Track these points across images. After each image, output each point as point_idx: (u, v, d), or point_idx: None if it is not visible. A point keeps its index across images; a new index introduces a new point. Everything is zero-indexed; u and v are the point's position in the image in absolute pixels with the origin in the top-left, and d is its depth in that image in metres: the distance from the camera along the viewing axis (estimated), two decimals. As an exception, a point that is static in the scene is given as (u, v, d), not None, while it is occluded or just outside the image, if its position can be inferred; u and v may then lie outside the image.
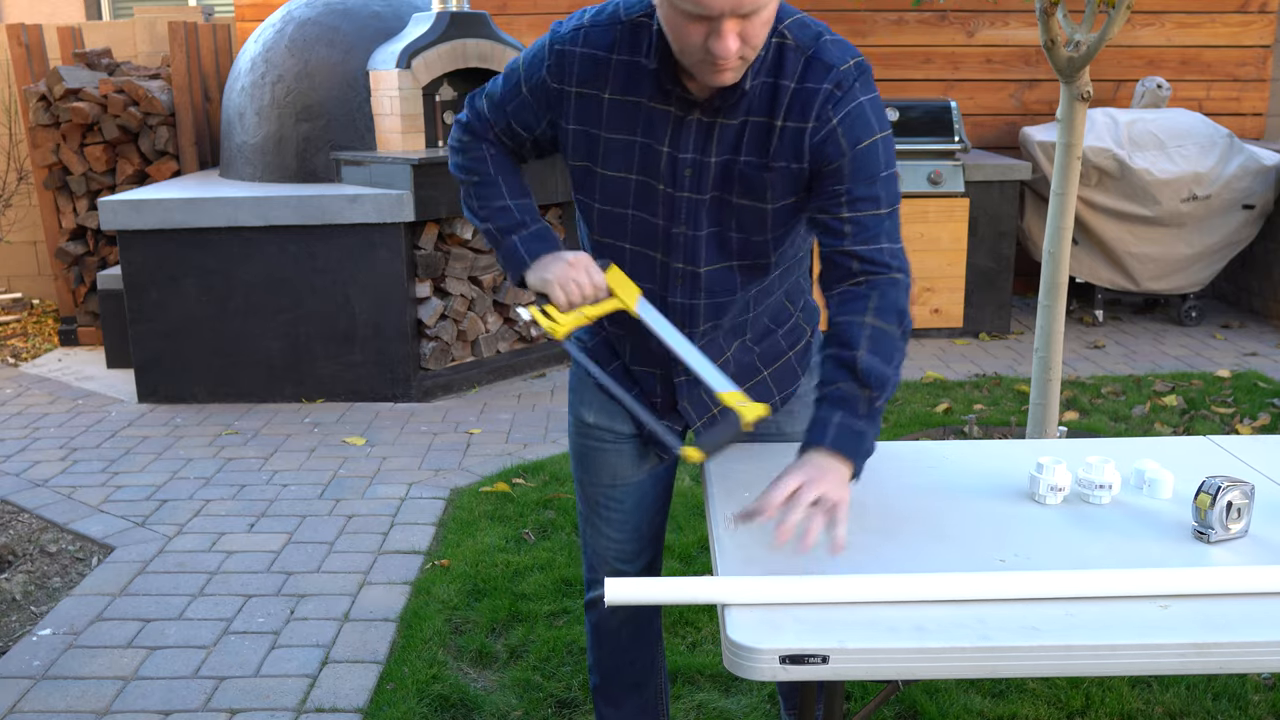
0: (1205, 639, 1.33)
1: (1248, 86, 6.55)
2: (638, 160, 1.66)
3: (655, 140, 1.64)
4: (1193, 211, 5.60)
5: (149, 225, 4.61)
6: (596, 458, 1.97)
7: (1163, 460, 1.90)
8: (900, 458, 1.92)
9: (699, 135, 1.63)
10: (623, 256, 1.75)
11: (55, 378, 5.27)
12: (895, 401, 4.67)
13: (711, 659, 2.76)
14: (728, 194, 1.65)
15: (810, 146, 1.59)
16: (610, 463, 1.97)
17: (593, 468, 1.98)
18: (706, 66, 1.50)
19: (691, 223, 1.68)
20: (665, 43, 1.59)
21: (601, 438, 1.95)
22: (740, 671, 1.33)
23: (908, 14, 6.31)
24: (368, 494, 3.84)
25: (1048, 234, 3.58)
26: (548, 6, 6.32)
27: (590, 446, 1.97)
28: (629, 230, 1.72)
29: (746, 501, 1.75)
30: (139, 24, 6.41)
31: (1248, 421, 4.38)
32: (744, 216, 1.67)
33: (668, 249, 1.71)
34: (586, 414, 1.96)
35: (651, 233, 1.71)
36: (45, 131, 5.60)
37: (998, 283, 5.76)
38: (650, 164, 1.66)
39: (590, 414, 1.95)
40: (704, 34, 1.46)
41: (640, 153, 1.66)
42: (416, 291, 4.77)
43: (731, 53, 1.45)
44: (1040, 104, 6.50)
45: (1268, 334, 5.76)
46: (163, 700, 2.62)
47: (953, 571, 1.50)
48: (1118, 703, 2.57)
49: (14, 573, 3.27)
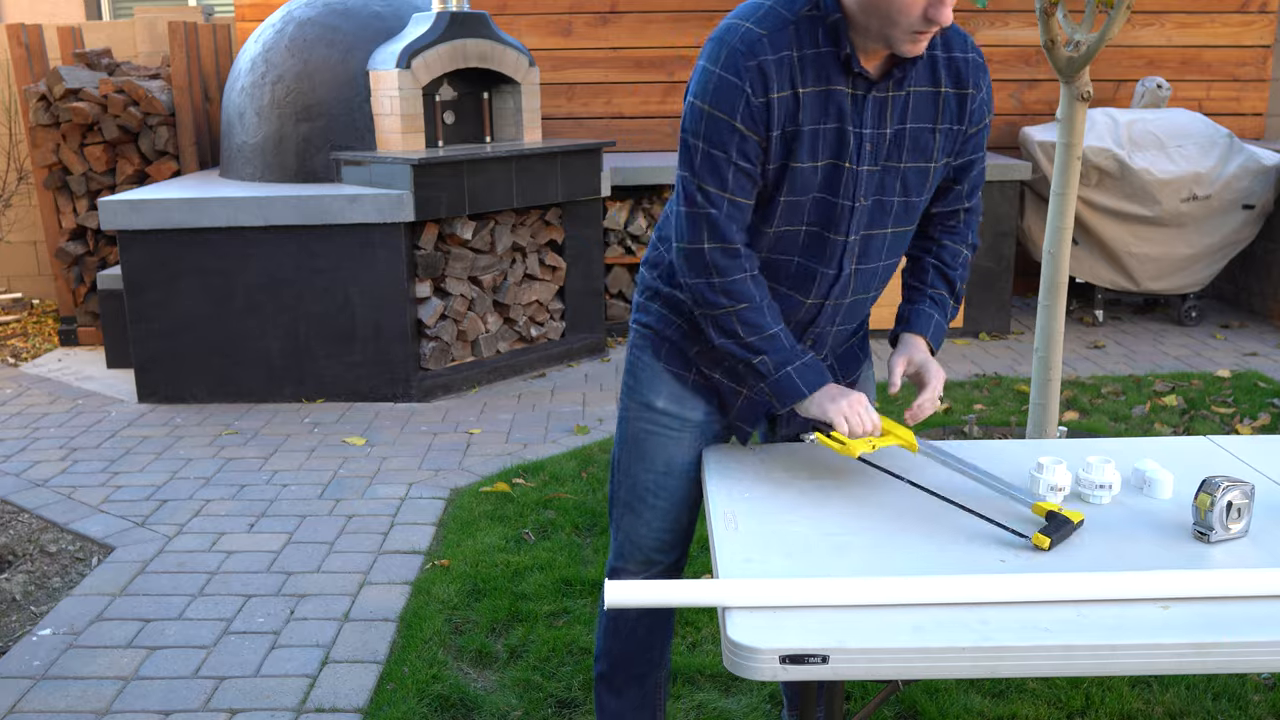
0: (1205, 639, 1.33)
1: (1248, 86, 6.55)
2: (829, 145, 1.73)
3: (845, 122, 1.72)
4: (1193, 211, 5.60)
5: (149, 225, 4.61)
6: (655, 443, 1.99)
7: (1163, 460, 1.90)
8: (900, 458, 1.92)
9: (875, 110, 1.73)
10: (796, 241, 1.81)
11: (55, 378, 5.27)
12: (895, 401, 4.67)
13: (711, 659, 2.75)
14: (896, 160, 1.78)
15: (971, 110, 1.81)
16: (669, 450, 1.99)
17: (649, 454, 2.00)
18: (913, 37, 1.63)
19: (864, 193, 1.78)
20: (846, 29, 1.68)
21: (668, 425, 1.98)
22: (740, 671, 1.33)
23: (908, 14, 6.30)
24: (368, 494, 3.84)
25: (1048, 234, 3.58)
26: (548, 6, 6.32)
27: (651, 432, 1.99)
28: (806, 213, 1.78)
29: (746, 501, 1.75)
30: (139, 24, 6.41)
31: (1248, 421, 4.38)
32: (909, 178, 1.80)
33: (840, 224, 1.79)
34: (656, 399, 1.98)
35: (830, 212, 1.78)
36: (45, 131, 5.60)
37: (998, 283, 5.76)
38: (840, 146, 1.73)
39: (661, 399, 1.98)
40: (925, 3, 1.59)
41: (832, 138, 1.73)
42: (416, 291, 4.77)
43: (949, 17, 1.59)
44: (1040, 104, 6.50)
45: (1268, 334, 5.76)
46: (163, 700, 2.62)
47: (953, 573, 1.50)
48: (1118, 703, 2.57)
49: (14, 573, 3.27)
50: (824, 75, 1.71)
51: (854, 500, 1.76)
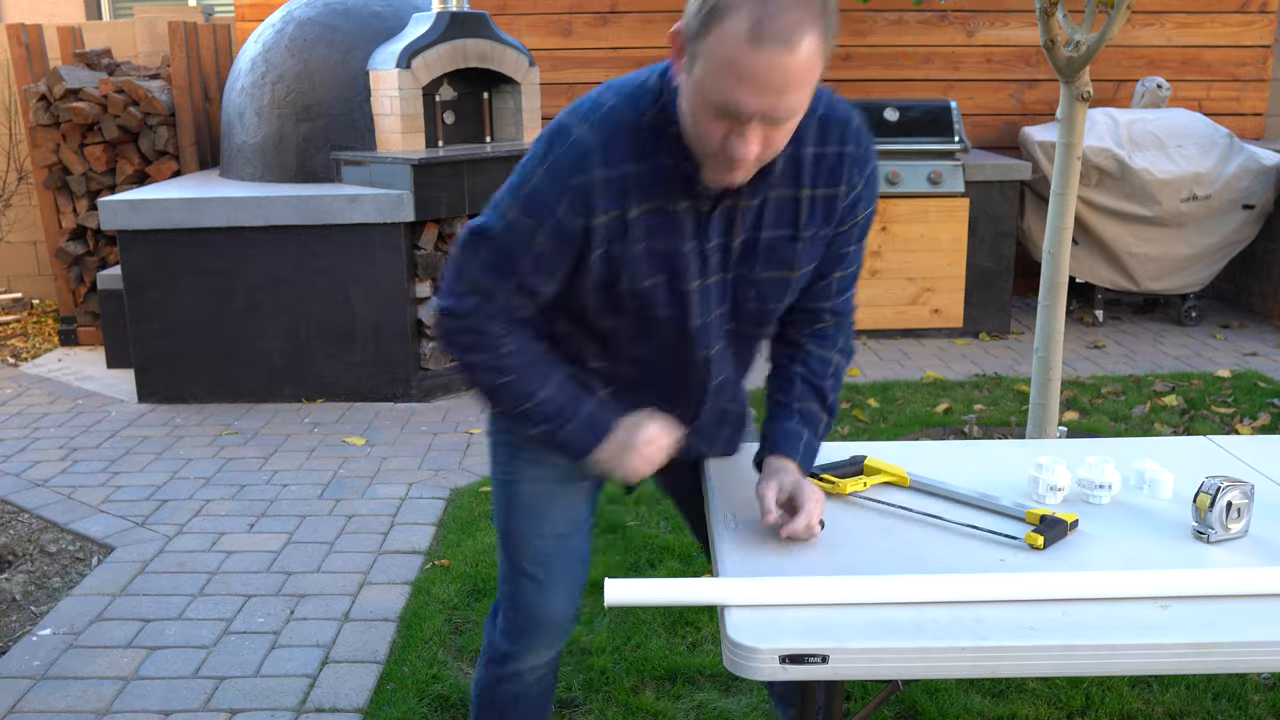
0: (1205, 639, 1.33)
1: (1248, 86, 6.55)
2: (660, 266, 1.55)
3: (684, 238, 1.54)
4: (1193, 211, 5.60)
5: (149, 225, 4.61)
6: (554, 501, 1.80)
7: (1163, 460, 1.90)
8: (900, 458, 1.92)
9: (721, 221, 1.55)
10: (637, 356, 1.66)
11: (55, 378, 5.27)
12: (895, 401, 4.67)
13: (711, 659, 2.76)
14: (748, 270, 1.60)
15: (842, 210, 1.60)
16: (573, 504, 1.82)
17: (549, 515, 1.80)
18: (720, 162, 1.43)
19: (715, 302, 1.62)
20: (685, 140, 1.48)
21: (565, 476, 1.79)
22: (740, 671, 1.33)
23: (908, 14, 6.31)
24: (368, 494, 3.84)
25: (1048, 234, 3.58)
26: (548, 6, 6.32)
27: (547, 490, 1.79)
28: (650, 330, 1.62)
29: (747, 500, 1.75)
30: (139, 24, 6.41)
31: (1248, 421, 4.38)
32: (765, 289, 1.62)
33: (688, 337, 1.63)
34: (545, 453, 1.75)
35: (674, 326, 1.61)
36: (45, 131, 5.60)
37: (998, 283, 5.76)
38: (679, 264, 1.55)
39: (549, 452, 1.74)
40: (725, 132, 1.39)
41: (668, 257, 1.55)
42: (416, 291, 4.77)
43: (751, 157, 1.40)
44: (1040, 104, 6.50)
45: (1268, 334, 5.76)
46: (163, 700, 2.62)
47: (952, 572, 1.50)
48: (1118, 703, 2.57)
49: (14, 573, 3.27)
50: (662, 191, 1.50)
51: (854, 499, 1.76)
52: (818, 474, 1.77)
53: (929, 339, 5.75)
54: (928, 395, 4.76)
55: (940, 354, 5.48)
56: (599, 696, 2.62)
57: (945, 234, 5.60)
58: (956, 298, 5.70)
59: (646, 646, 2.81)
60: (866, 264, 5.64)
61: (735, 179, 1.45)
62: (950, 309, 5.72)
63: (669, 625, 2.92)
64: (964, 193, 5.57)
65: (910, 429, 4.33)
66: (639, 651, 2.79)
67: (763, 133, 1.39)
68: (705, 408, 1.75)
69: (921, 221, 5.58)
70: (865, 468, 1.82)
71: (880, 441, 2.29)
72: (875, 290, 5.67)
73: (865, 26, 6.33)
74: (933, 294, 5.69)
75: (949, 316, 5.73)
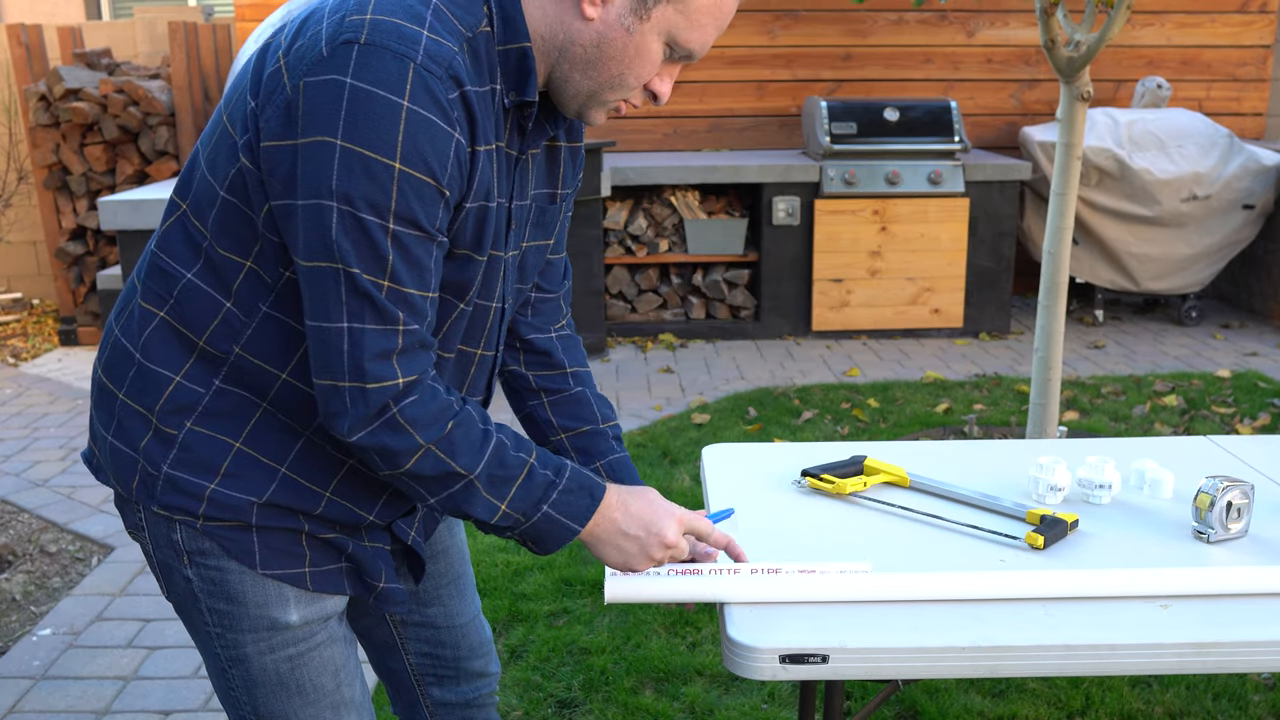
0: (1205, 639, 1.33)
1: (1248, 86, 6.55)
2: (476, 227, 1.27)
3: (491, 197, 1.26)
4: (1193, 211, 5.60)
5: (149, 225, 4.61)
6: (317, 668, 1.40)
7: (1163, 460, 1.90)
8: (900, 458, 1.92)
9: (520, 175, 1.32)
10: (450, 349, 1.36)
11: (55, 378, 5.27)
12: (895, 401, 4.67)
13: (711, 659, 2.75)
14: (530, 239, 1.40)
15: (579, 165, 1.42)
16: (343, 666, 1.43)
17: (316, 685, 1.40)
18: (609, 104, 1.28)
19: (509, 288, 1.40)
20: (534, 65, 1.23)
21: (322, 637, 1.39)
22: (740, 671, 1.33)
23: (908, 14, 6.31)
24: (368, 494, 3.83)
25: (1048, 234, 3.58)
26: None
27: (303, 658, 1.38)
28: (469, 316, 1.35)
29: (747, 499, 1.75)
30: (139, 24, 6.41)
31: (1248, 421, 4.38)
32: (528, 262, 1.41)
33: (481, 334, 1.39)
34: (284, 613, 1.35)
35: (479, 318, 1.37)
36: (45, 131, 5.60)
37: (998, 283, 5.76)
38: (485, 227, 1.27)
39: (291, 610, 1.35)
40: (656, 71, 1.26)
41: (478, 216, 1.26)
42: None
43: (668, 95, 1.29)
44: (1040, 104, 6.50)
45: (1268, 334, 5.76)
46: (163, 700, 2.62)
47: (952, 571, 1.50)
48: (1118, 703, 2.57)
49: (14, 573, 3.27)
50: (493, 126, 1.23)
51: (854, 499, 1.76)
52: (817, 474, 1.77)
53: (929, 339, 5.76)
54: (928, 395, 4.76)
55: (940, 354, 5.48)
56: (598, 696, 2.62)
57: (945, 234, 5.60)
58: (956, 298, 5.70)
59: (646, 646, 2.81)
60: (867, 264, 5.64)
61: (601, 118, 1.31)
62: (950, 309, 5.72)
63: (669, 625, 2.92)
64: (964, 193, 5.57)
65: (910, 429, 4.33)
66: (638, 651, 2.79)
67: None
68: None
69: (921, 221, 5.58)
70: (865, 468, 1.82)
71: (880, 441, 2.30)
72: (875, 290, 5.67)
73: (865, 26, 6.33)
74: (933, 294, 5.69)
75: (949, 316, 5.73)
